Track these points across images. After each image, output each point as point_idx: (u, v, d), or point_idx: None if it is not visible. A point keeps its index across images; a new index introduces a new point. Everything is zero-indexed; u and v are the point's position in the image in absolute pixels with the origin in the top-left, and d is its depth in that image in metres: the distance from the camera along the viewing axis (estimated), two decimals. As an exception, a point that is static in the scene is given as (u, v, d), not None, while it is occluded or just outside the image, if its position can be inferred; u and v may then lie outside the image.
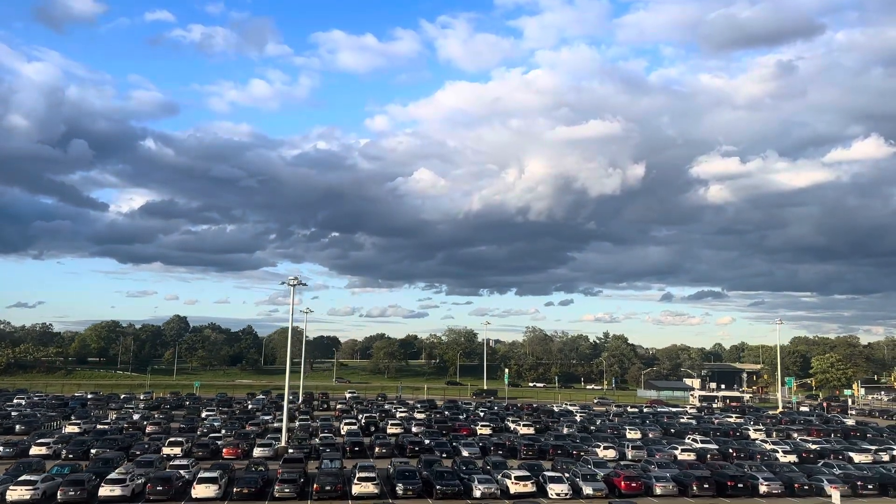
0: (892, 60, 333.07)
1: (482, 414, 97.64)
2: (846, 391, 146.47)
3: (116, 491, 43.45)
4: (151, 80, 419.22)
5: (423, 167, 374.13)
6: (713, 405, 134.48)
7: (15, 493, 42.34)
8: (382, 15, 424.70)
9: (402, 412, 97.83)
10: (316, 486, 45.44)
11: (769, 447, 70.44)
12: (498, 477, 49.73)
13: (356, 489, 45.74)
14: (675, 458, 64.56)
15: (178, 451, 60.25)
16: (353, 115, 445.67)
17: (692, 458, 64.79)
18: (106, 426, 76.24)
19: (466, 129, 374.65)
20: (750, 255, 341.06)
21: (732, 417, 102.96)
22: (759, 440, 76.42)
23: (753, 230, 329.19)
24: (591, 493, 47.66)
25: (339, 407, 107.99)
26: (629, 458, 64.39)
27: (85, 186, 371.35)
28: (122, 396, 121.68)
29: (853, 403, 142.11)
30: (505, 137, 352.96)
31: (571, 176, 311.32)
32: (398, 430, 78.43)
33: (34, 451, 59.80)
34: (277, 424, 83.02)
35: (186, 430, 77.04)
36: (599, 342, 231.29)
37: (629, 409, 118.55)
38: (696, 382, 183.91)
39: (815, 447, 71.81)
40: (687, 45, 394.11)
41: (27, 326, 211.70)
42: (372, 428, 79.23)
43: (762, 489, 49.80)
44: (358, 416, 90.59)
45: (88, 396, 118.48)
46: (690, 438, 75.29)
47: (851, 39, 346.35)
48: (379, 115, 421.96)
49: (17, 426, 77.41)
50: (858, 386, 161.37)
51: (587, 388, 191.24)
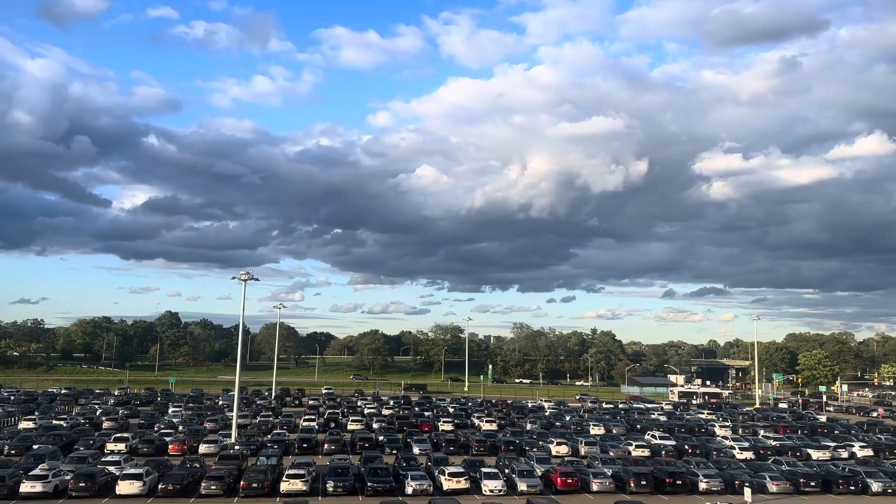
0: (895, 57, 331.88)
1: (452, 410, 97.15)
2: (821, 388, 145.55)
3: (37, 487, 42.82)
4: (154, 76, 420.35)
5: (425, 164, 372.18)
6: (692, 401, 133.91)
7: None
8: (385, 11, 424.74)
9: (370, 408, 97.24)
10: (243, 482, 44.79)
11: (728, 443, 69.88)
12: (435, 473, 49.19)
13: (284, 486, 45.10)
14: (628, 453, 64.11)
15: (122, 447, 59.60)
16: (355, 111, 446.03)
17: (646, 454, 64.29)
18: (62, 422, 75.66)
19: (469, 125, 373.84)
20: (752, 251, 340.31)
21: (704, 414, 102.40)
22: (720, 437, 75.77)
23: (756, 227, 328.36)
24: (524, 489, 46.97)
25: (310, 403, 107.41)
26: (582, 453, 63.70)
27: (88, 183, 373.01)
28: (96, 392, 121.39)
29: (836, 400, 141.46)
30: (507, 134, 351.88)
31: (574, 172, 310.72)
32: (359, 426, 77.99)
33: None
34: (240, 420, 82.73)
35: (145, 425, 76.63)
36: (587, 338, 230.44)
37: (605, 405, 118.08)
38: (680, 379, 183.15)
39: (774, 444, 71.27)
40: (690, 41, 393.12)
41: (18, 322, 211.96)
42: (332, 424, 78.60)
43: (701, 486, 49.12)
44: (323, 412, 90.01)
45: (63, 391, 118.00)
46: (650, 435, 74.77)
47: (855, 36, 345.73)
48: (381, 111, 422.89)
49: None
50: (840, 383, 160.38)
51: (576, 384, 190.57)
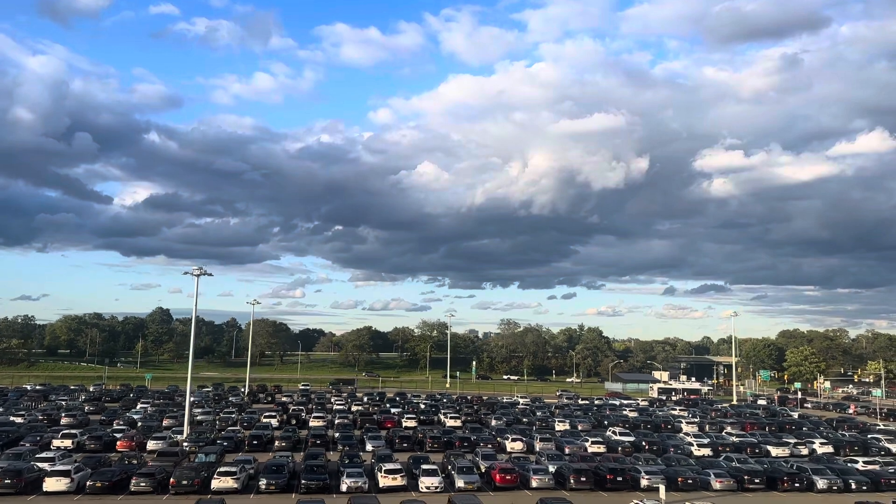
0: None
1: (423, 406, 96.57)
2: (796, 384, 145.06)
3: (-40, 484, 42.24)
4: (155, 73, 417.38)
5: (426, 160, 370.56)
6: (671, 397, 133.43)
7: None
8: (386, 8, 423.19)
9: (339, 405, 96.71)
10: (172, 480, 44.17)
11: (689, 440, 69.38)
12: (374, 471, 48.63)
13: (215, 483, 44.47)
14: (584, 450, 63.58)
15: (69, 443, 59.05)
16: (356, 108, 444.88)
17: (601, 450, 63.73)
18: (20, 417, 75.11)
19: (470, 122, 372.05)
20: (753, 248, 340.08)
21: (677, 410, 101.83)
22: (683, 433, 75.25)
23: (757, 224, 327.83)
24: (462, 486, 46.36)
25: (282, 399, 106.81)
26: (537, 449, 63.07)
27: (89, 179, 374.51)
28: (71, 388, 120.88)
29: (819, 396, 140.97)
30: (508, 131, 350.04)
31: (575, 169, 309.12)
32: (320, 423, 77.36)
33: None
34: (202, 417, 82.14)
35: (105, 422, 76.14)
36: (575, 335, 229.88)
37: (580, 401, 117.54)
38: (664, 375, 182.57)
39: (735, 440, 70.85)
40: (691, 38, 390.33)
41: (9, 318, 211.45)
42: (293, 421, 77.98)
43: (643, 483, 48.50)
44: (288, 408, 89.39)
45: (36, 388, 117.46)
46: (611, 430, 74.31)
47: (856, 33, 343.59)
48: (382, 108, 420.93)
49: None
50: (822, 379, 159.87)
51: (565, 380, 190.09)
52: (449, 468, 50.22)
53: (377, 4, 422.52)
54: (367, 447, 61.67)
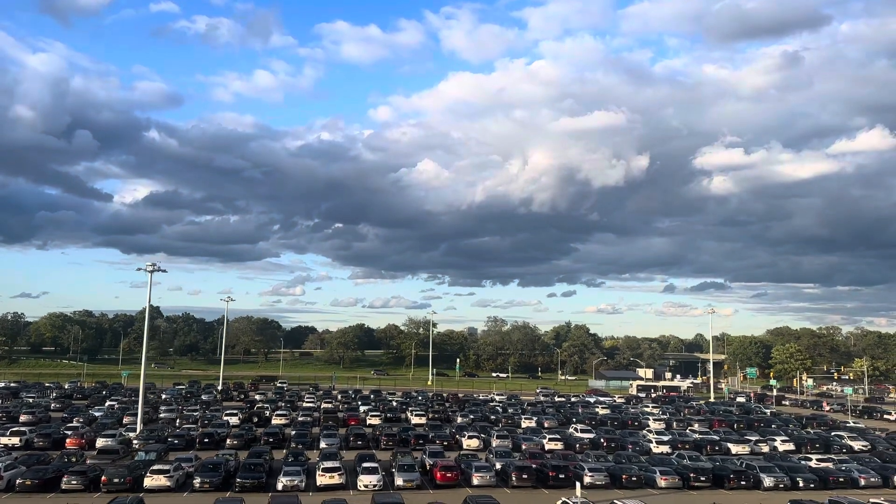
0: None
1: (395, 404, 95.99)
2: (772, 381, 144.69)
3: None
4: (156, 70, 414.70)
5: (426, 158, 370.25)
6: (650, 394, 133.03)
7: None
8: (386, 6, 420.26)
9: (309, 402, 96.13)
10: (104, 478, 43.53)
11: (652, 437, 68.89)
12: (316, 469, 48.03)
13: (148, 482, 43.86)
14: (542, 447, 63.15)
15: (16, 441, 58.40)
16: (356, 106, 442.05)
17: (559, 447, 63.29)
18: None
19: (470, 120, 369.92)
20: (753, 246, 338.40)
21: (649, 407, 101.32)
22: (645, 430, 74.77)
23: (757, 221, 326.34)
24: (401, 483, 45.83)
25: (255, 397, 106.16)
26: (493, 446, 62.49)
27: (89, 177, 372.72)
28: (46, 385, 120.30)
29: (803, 394, 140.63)
30: (508, 128, 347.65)
31: (575, 167, 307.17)
32: (283, 420, 76.86)
33: None
34: (166, 415, 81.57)
35: (66, 419, 75.44)
36: (562, 332, 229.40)
37: (556, 398, 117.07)
38: (648, 372, 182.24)
39: (698, 437, 70.50)
40: (691, 35, 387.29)
41: (8, 317, 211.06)
42: (255, 419, 77.35)
43: (586, 480, 47.88)
44: (255, 406, 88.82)
45: (10, 385, 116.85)
46: (573, 427, 73.89)
47: (856, 31, 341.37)
48: (382, 106, 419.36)
49: None
50: (801, 378, 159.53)
51: (552, 378, 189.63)
52: (392, 466, 49.65)
53: (377, 2, 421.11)
54: (321, 445, 61.08)
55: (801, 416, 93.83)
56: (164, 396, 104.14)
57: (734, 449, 65.11)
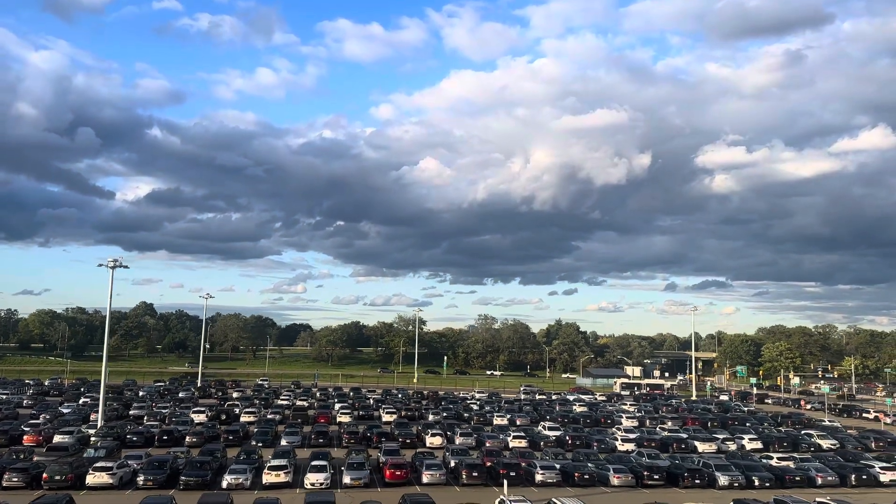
0: None
1: (371, 402, 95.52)
2: (751, 380, 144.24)
3: None
4: (158, 68, 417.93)
5: (428, 156, 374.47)
6: (634, 392, 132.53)
7: None
8: (389, 3, 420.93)
9: (284, 400, 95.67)
10: (45, 475, 43.02)
11: (620, 434, 68.49)
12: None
13: (90, 479, 43.36)
14: (506, 445, 62.74)
15: (-28, 438, 57.91)
16: (358, 104, 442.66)
17: (523, 444, 62.80)
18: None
19: (472, 118, 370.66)
20: (754, 244, 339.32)
21: (627, 405, 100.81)
22: (615, 428, 74.31)
23: (758, 220, 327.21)
24: (348, 482, 45.32)
25: (234, 395, 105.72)
26: (456, 443, 62.05)
27: (91, 174, 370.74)
28: (26, 381, 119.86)
29: (789, 392, 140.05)
30: (510, 127, 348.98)
31: (577, 165, 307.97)
32: (252, 417, 76.38)
33: None
34: (136, 412, 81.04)
35: (34, 416, 74.94)
36: (553, 330, 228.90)
37: (538, 395, 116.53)
38: (636, 370, 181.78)
39: (667, 434, 70.06)
40: (694, 34, 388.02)
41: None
42: (223, 416, 76.84)
43: (538, 478, 47.45)
44: (223, 404, 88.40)
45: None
46: (542, 425, 73.46)
47: (858, 29, 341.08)
48: (384, 104, 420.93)
49: None
50: (789, 376, 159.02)
51: (541, 376, 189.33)
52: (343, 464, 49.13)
53: (380, 0, 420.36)
54: (281, 442, 60.57)
55: (779, 414, 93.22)
56: (141, 393, 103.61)
57: (701, 447, 64.54)
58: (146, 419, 74.44)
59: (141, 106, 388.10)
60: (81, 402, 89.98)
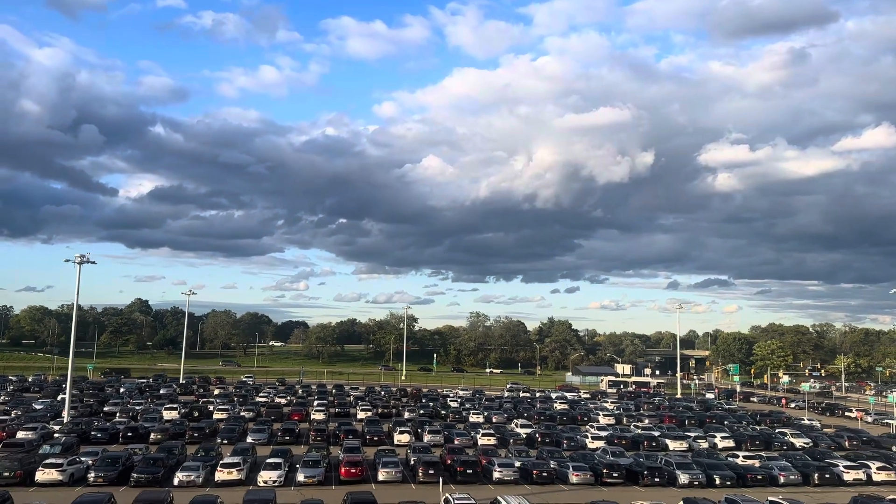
0: None
1: (351, 399, 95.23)
2: (735, 378, 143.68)
3: None
4: (162, 65, 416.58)
5: (431, 154, 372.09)
6: (620, 389, 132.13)
7: None
8: (392, 1, 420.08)
9: (263, 397, 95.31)
10: (-7, 471, 42.65)
11: (593, 432, 68.08)
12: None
13: (39, 476, 42.94)
14: (474, 442, 62.38)
15: (-66, 434, 57.55)
16: (361, 101, 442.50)
17: (492, 442, 62.36)
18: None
19: (475, 116, 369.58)
20: (757, 243, 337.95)
21: (608, 402, 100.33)
22: (589, 426, 73.94)
23: (761, 218, 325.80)
24: (302, 480, 44.90)
25: (216, 392, 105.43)
26: (425, 441, 61.67)
27: (94, 171, 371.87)
28: (10, 378, 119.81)
29: (777, 391, 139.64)
30: (513, 124, 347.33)
31: (579, 163, 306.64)
32: (225, 415, 76.02)
33: None
34: (110, 408, 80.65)
35: (6, 412, 74.65)
36: (545, 327, 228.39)
37: (522, 393, 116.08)
38: (626, 368, 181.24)
39: (640, 432, 69.64)
40: (697, 32, 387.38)
41: None
42: (195, 413, 76.46)
43: (495, 476, 47.01)
44: (196, 401, 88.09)
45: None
46: (514, 423, 73.21)
47: (862, 28, 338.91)
48: (387, 101, 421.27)
49: None
50: (778, 374, 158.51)
51: (534, 373, 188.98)
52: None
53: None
54: (247, 440, 60.20)
55: (758, 412, 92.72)
56: (122, 390, 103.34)
57: (672, 445, 64.19)
58: (118, 415, 74.31)
59: (144, 103, 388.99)
60: (60, 398, 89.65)
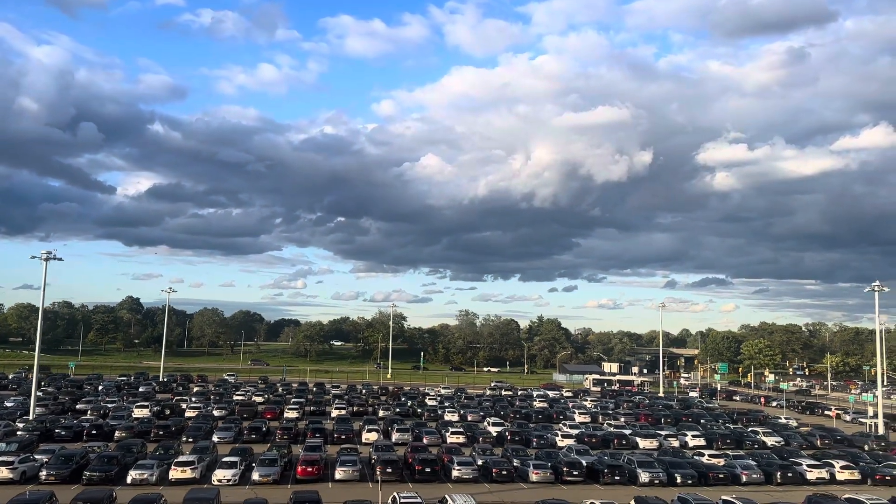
0: None
1: (329, 398, 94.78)
2: (716, 376, 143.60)
3: None
4: (161, 63, 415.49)
5: (429, 153, 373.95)
6: (604, 388, 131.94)
7: None
8: (391, 0, 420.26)
9: (239, 395, 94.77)
10: (-58, 470, 42.19)
11: (566, 431, 67.93)
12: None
13: (-11, 474, 42.55)
14: (444, 440, 62.04)
15: None
16: (359, 100, 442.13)
17: (460, 440, 62.03)
18: None
19: (474, 114, 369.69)
20: (755, 242, 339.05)
21: (587, 401, 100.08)
22: (561, 425, 73.68)
23: (759, 217, 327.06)
24: (257, 478, 44.47)
25: (195, 389, 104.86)
26: (394, 439, 61.31)
27: (93, 169, 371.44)
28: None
29: (764, 390, 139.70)
30: (512, 123, 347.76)
31: (578, 162, 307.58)
32: (195, 413, 75.61)
33: None
34: (82, 406, 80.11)
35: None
36: (534, 326, 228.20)
37: (503, 391, 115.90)
38: (613, 367, 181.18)
39: (612, 430, 69.49)
40: (696, 31, 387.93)
41: None
42: (167, 411, 75.98)
43: (454, 474, 46.66)
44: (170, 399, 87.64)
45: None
46: (487, 421, 72.92)
47: (861, 28, 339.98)
48: (385, 100, 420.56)
49: None
50: (754, 374, 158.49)
51: (526, 372, 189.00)
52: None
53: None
54: (213, 438, 59.77)
55: (738, 411, 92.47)
56: (100, 388, 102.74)
57: (642, 443, 63.97)
58: (89, 413, 73.83)
59: (143, 101, 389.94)
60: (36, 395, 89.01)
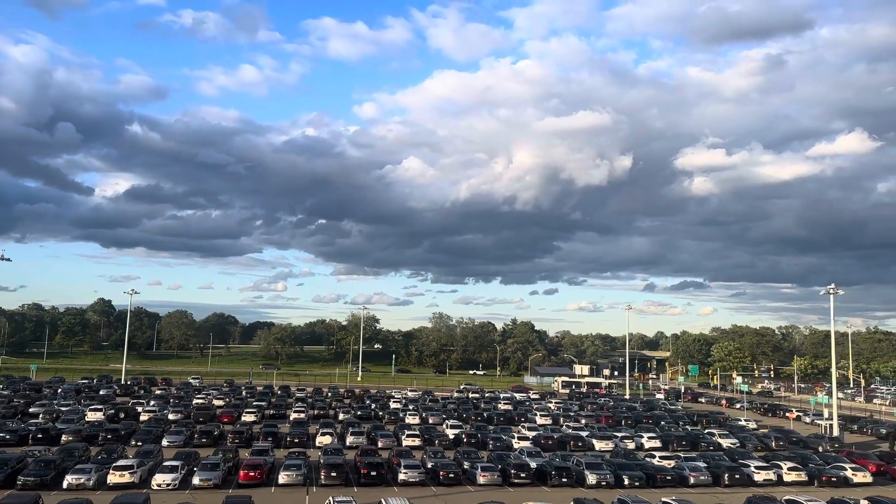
0: (874, 56, 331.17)
1: (291, 401, 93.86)
2: (680, 378, 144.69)
3: None
4: (141, 64, 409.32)
5: (412, 155, 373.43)
6: (573, 390, 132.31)
7: None
8: (373, 3, 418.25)
9: (199, 399, 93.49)
10: None
11: (523, 433, 67.86)
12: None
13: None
14: (399, 443, 61.71)
15: None
16: (341, 102, 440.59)
17: (416, 443, 61.61)
18: None
19: (455, 118, 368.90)
20: (732, 246, 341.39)
21: (552, 404, 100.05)
22: (520, 427, 73.56)
23: (736, 222, 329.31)
24: (197, 483, 43.73)
25: (156, 392, 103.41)
26: (348, 443, 60.78)
27: (70, 170, 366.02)
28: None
29: (732, 392, 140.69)
30: (494, 127, 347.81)
31: (559, 166, 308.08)
32: (149, 416, 74.46)
33: None
34: (35, 409, 78.53)
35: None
36: (507, 329, 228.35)
37: (471, 394, 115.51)
38: (584, 369, 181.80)
39: (570, 432, 69.62)
40: (675, 37, 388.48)
41: None
42: (121, 415, 74.70)
43: (401, 477, 46.32)
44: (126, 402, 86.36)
45: None
46: (445, 423, 72.73)
47: (836, 35, 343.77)
48: (367, 102, 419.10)
49: None
50: (720, 375, 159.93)
51: (498, 374, 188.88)
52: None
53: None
54: (163, 442, 58.82)
55: (699, 412, 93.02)
56: (59, 391, 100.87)
57: (598, 445, 64.13)
58: (41, 416, 72.42)
59: (122, 102, 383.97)
60: None
